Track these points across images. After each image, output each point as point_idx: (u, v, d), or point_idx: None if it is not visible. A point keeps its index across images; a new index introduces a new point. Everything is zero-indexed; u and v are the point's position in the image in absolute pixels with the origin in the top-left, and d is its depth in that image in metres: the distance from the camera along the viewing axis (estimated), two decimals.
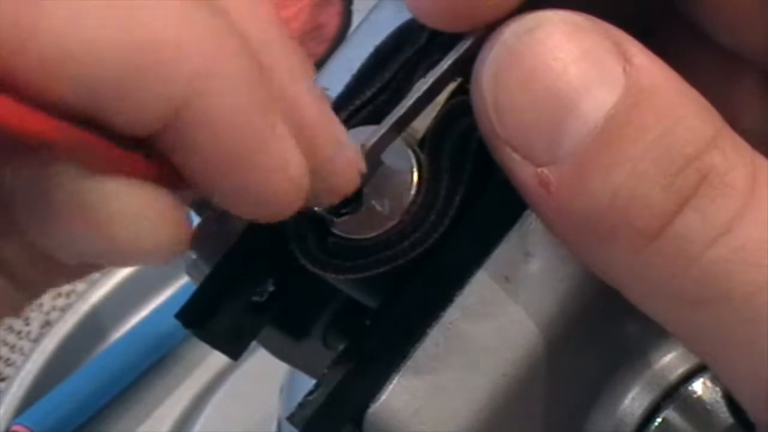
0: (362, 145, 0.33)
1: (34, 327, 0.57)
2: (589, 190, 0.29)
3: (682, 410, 0.35)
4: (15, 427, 0.52)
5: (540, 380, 0.34)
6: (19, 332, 0.58)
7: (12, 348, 0.57)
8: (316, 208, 0.35)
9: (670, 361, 0.35)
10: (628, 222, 0.29)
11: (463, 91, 0.34)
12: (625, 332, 0.35)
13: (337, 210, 0.34)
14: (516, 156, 0.31)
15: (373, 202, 0.34)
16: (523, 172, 0.31)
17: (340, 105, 0.35)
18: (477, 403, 0.33)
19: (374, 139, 0.33)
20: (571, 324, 0.34)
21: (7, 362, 0.56)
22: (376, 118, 0.35)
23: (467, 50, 0.33)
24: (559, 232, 0.31)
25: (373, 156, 0.33)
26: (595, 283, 0.33)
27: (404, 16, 0.36)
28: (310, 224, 0.35)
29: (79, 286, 0.58)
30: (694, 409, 0.35)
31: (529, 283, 0.34)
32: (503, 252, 0.34)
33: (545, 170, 0.30)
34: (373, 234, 0.34)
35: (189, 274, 0.38)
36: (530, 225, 0.34)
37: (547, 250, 0.34)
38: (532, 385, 0.34)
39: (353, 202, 0.34)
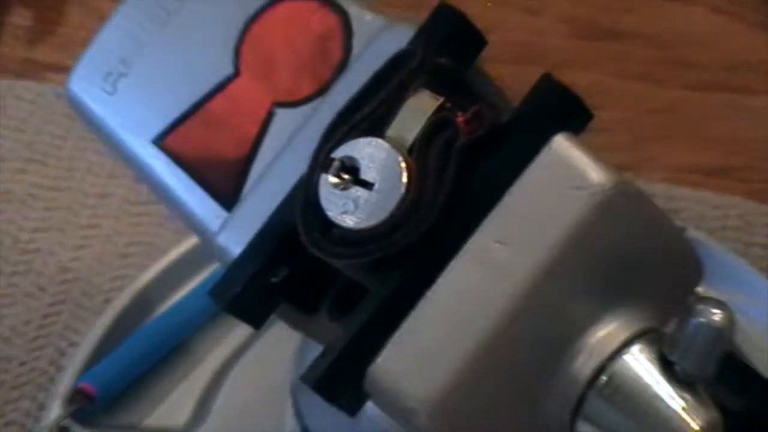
0: None
1: (97, 302, 0.60)
2: None
3: (624, 369, 0.35)
4: (81, 384, 0.55)
5: (510, 346, 0.35)
6: (85, 307, 0.61)
7: (81, 320, 0.60)
8: (323, 206, 0.36)
9: (613, 329, 0.36)
10: None
11: (444, 108, 0.36)
12: (577, 308, 0.36)
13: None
14: None
15: (370, 200, 0.35)
16: None
17: (343, 119, 0.37)
18: (456, 363, 0.35)
19: None
20: (534, 302, 0.35)
21: (76, 331, 0.59)
22: (373, 130, 0.36)
23: None
24: None
25: None
26: (557, 270, 0.35)
27: (396, 47, 0.38)
28: (317, 220, 0.36)
29: (132, 270, 0.60)
30: (634, 368, 0.36)
31: (499, 267, 0.35)
32: (477, 239, 0.35)
33: None
34: (370, 227, 0.35)
35: (218, 259, 0.40)
36: (503, 213, 0.35)
37: (518, 237, 0.35)
38: (504, 351, 0.35)
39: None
